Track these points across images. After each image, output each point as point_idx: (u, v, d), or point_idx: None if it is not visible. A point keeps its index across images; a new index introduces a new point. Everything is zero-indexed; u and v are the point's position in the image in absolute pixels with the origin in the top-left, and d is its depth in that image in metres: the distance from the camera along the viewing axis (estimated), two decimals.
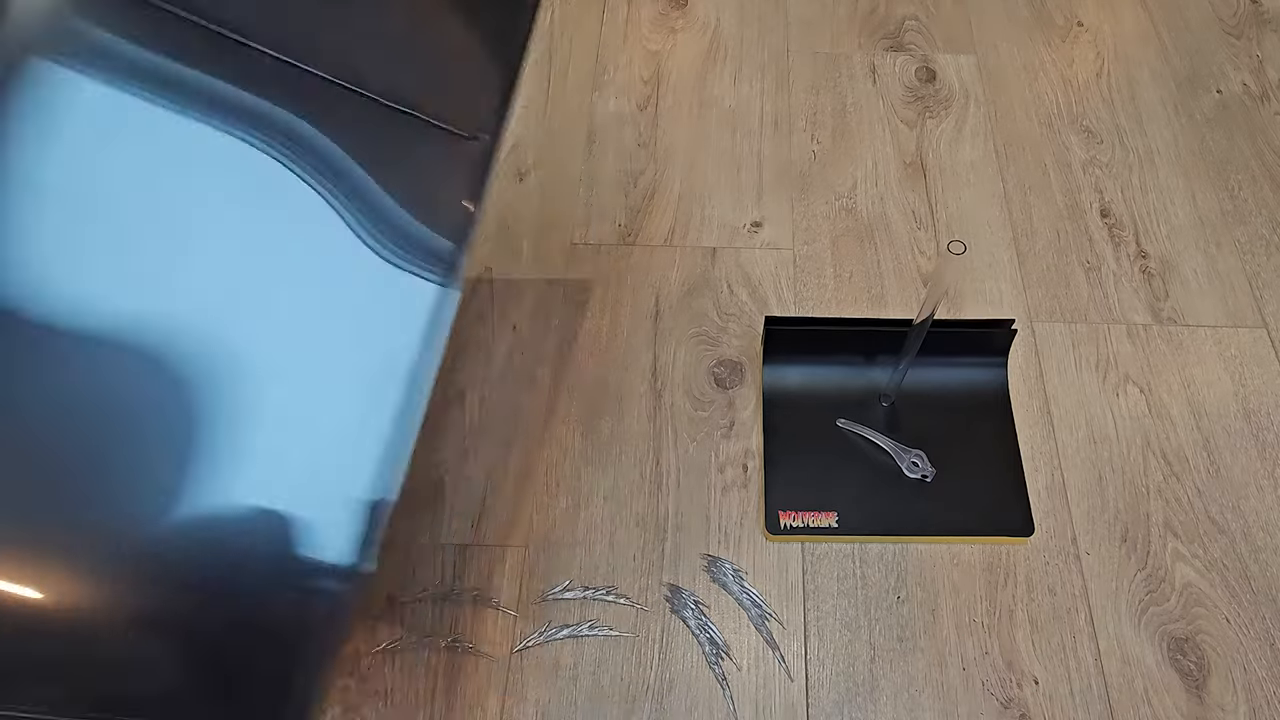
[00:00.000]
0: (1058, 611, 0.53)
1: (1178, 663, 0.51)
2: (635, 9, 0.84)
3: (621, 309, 0.65)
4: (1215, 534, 0.55)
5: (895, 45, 0.82)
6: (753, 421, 0.60)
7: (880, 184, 0.72)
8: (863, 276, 0.67)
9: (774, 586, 0.54)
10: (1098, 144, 0.74)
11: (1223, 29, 0.83)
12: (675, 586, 0.54)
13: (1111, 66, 0.80)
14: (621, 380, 0.62)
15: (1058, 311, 0.65)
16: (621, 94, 0.78)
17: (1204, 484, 0.57)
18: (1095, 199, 0.71)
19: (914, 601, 0.53)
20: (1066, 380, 0.62)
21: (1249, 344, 0.63)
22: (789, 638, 0.52)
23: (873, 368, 0.60)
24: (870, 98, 0.78)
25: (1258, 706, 0.50)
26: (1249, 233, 0.69)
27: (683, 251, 0.68)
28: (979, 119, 0.76)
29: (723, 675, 0.51)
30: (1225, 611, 0.52)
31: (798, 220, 0.70)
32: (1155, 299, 0.65)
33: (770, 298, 0.66)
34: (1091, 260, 0.68)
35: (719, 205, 0.71)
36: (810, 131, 0.76)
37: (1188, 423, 0.60)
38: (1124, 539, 0.55)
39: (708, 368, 0.62)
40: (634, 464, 0.58)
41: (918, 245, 0.68)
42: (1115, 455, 0.58)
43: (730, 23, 0.84)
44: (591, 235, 0.69)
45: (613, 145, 0.75)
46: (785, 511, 0.55)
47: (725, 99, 0.78)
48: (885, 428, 0.58)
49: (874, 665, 0.51)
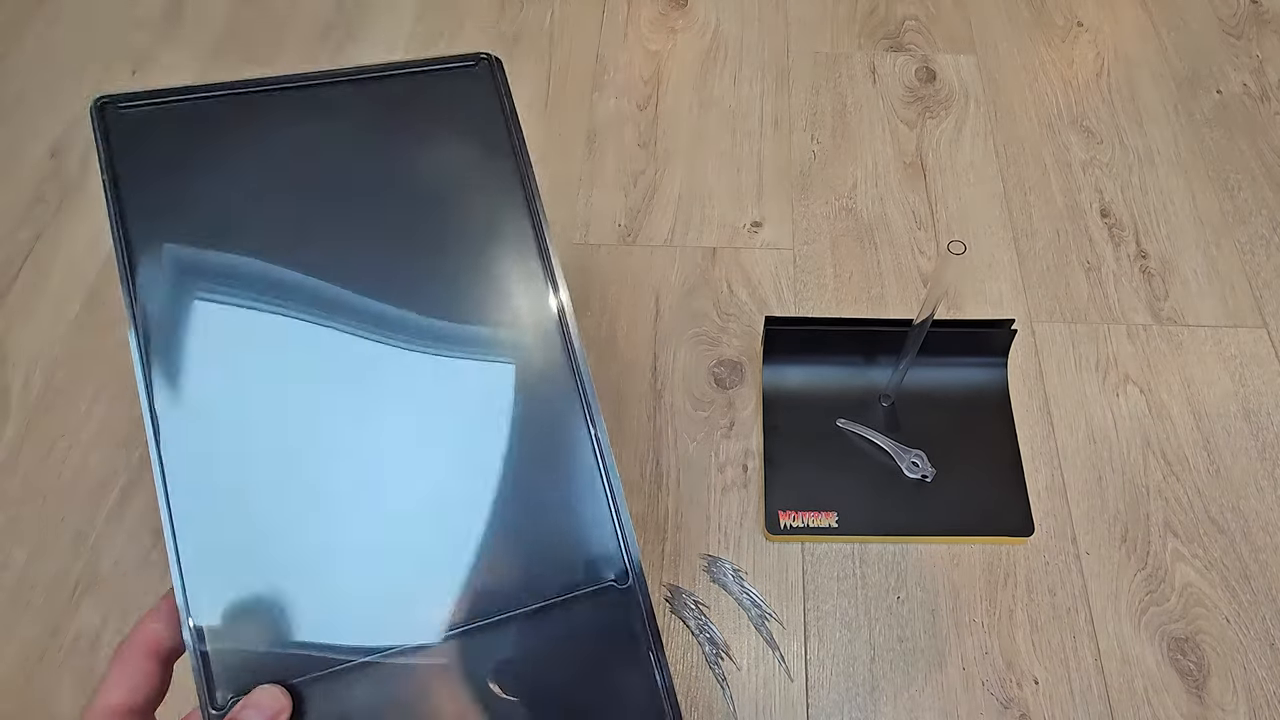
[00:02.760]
0: (1058, 611, 0.53)
1: (1178, 663, 0.51)
2: (635, 9, 0.84)
3: (621, 309, 0.65)
4: (1215, 534, 0.55)
5: (895, 45, 0.82)
6: (753, 421, 0.60)
7: (880, 184, 0.72)
8: (863, 276, 0.67)
9: (774, 586, 0.54)
10: (1098, 144, 0.74)
11: (1223, 29, 0.83)
12: (675, 586, 0.54)
13: (1111, 66, 0.80)
14: (621, 380, 0.62)
15: (1058, 311, 0.65)
16: (621, 94, 0.78)
17: (1204, 484, 0.57)
18: (1095, 199, 0.71)
19: (914, 601, 0.53)
20: (1066, 380, 0.62)
21: (1249, 344, 0.63)
22: (789, 638, 0.52)
23: (873, 368, 0.60)
24: (870, 98, 0.78)
25: (1258, 706, 0.50)
26: (1249, 233, 0.69)
27: (683, 251, 0.68)
28: (979, 119, 0.76)
29: (722, 675, 0.51)
30: (1225, 611, 0.52)
31: (798, 220, 0.70)
32: (1155, 299, 0.65)
33: (770, 298, 0.66)
34: (1091, 260, 0.68)
35: (719, 205, 0.71)
36: (810, 131, 0.76)
37: (1188, 423, 0.60)
38: (1124, 539, 0.55)
39: (708, 368, 0.62)
40: (634, 464, 0.58)
41: (918, 245, 0.68)
42: (1115, 455, 0.58)
43: (730, 23, 0.84)
44: (591, 235, 0.69)
45: (613, 145, 0.75)
46: (785, 511, 0.55)
47: (725, 99, 0.78)
48: (885, 428, 0.58)
49: (874, 665, 0.51)
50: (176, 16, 0.85)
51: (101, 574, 0.54)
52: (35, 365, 0.62)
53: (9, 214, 0.70)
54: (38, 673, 0.51)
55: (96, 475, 0.58)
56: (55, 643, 0.52)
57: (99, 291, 0.67)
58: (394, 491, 0.27)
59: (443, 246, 0.31)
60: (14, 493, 0.57)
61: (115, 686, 0.25)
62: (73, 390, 0.61)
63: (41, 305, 0.66)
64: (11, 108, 0.77)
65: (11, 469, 0.58)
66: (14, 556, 0.55)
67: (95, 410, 0.60)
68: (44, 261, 0.68)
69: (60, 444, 0.59)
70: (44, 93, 0.79)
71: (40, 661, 0.51)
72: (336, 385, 0.28)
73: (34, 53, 0.81)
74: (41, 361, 0.63)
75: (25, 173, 0.73)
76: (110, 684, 0.25)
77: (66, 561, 0.54)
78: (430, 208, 0.31)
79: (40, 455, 0.58)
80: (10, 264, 0.68)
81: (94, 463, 0.58)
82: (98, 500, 0.57)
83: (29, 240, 0.69)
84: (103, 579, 0.54)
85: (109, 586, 0.54)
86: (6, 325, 0.65)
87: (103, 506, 0.56)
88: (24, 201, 0.71)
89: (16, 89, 0.79)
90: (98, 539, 0.55)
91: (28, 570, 0.54)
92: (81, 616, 0.53)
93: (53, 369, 0.62)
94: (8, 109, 0.77)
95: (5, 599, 0.53)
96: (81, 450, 0.59)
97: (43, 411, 0.60)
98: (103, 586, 0.54)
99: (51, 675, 0.51)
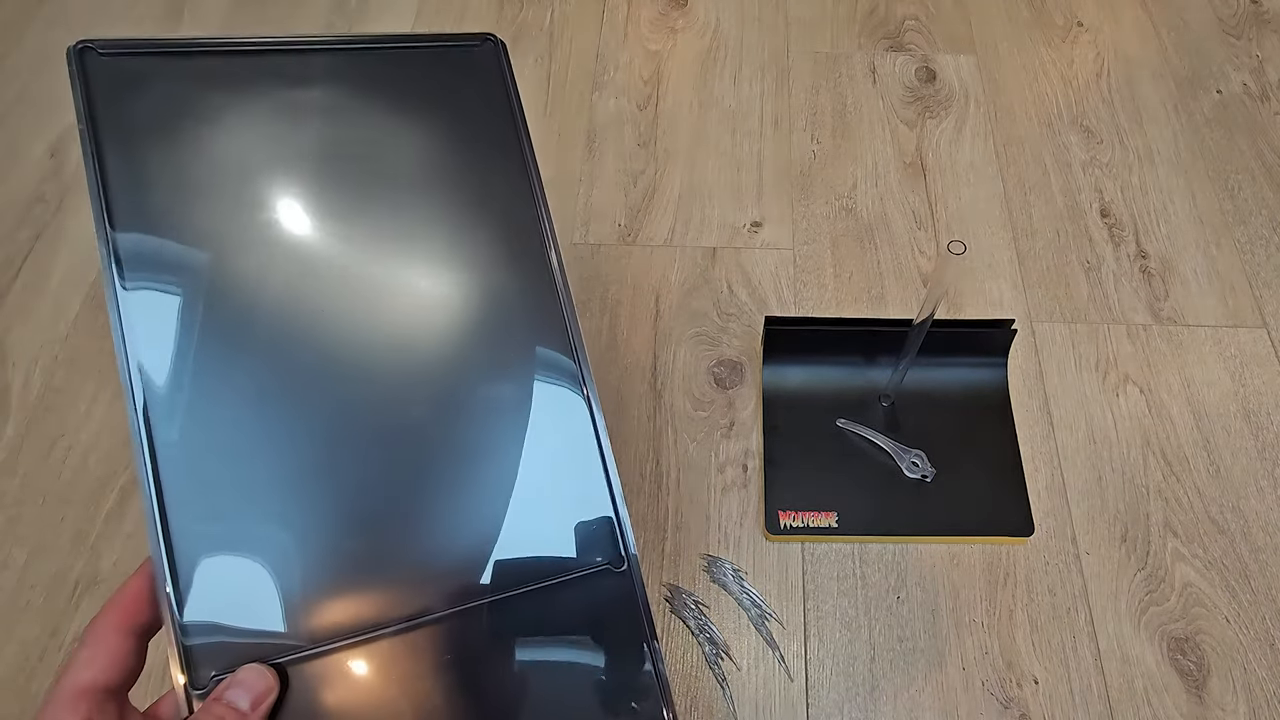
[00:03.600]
0: (1058, 611, 0.53)
1: (1178, 663, 0.51)
2: (635, 9, 0.84)
3: (621, 309, 0.65)
4: (1215, 534, 0.55)
5: (895, 45, 0.82)
6: (753, 421, 0.60)
7: (880, 184, 0.72)
8: (863, 276, 0.67)
9: (774, 586, 0.54)
10: (1098, 144, 0.74)
11: (1223, 29, 0.83)
12: (675, 586, 0.54)
13: (1111, 66, 0.80)
14: (621, 380, 0.61)
15: (1058, 311, 0.65)
16: (621, 94, 0.78)
17: (1204, 484, 0.57)
18: (1095, 199, 0.71)
19: (914, 601, 0.53)
20: (1066, 380, 0.62)
21: (1249, 344, 0.63)
22: (789, 638, 0.52)
23: (873, 368, 0.60)
24: (870, 98, 0.78)
25: (1258, 706, 0.50)
26: (1249, 233, 0.69)
27: (683, 251, 0.68)
28: (979, 119, 0.76)
29: (722, 675, 0.51)
30: (1225, 611, 0.52)
31: (798, 220, 0.70)
32: (1155, 299, 0.65)
33: (770, 298, 0.66)
34: (1091, 260, 0.68)
35: (719, 205, 0.71)
36: (810, 131, 0.76)
37: (1188, 423, 0.60)
38: (1124, 539, 0.55)
39: (708, 368, 0.62)
40: (634, 464, 0.58)
41: (918, 245, 0.68)
42: (1115, 455, 0.58)
43: (730, 23, 0.84)
44: (591, 235, 0.69)
45: (613, 145, 0.75)
46: (785, 511, 0.55)
47: (725, 99, 0.78)
48: (885, 428, 0.58)
49: (874, 665, 0.51)
50: (176, 17, 0.85)
51: (101, 574, 0.54)
52: (35, 365, 0.62)
53: (9, 213, 0.70)
54: (38, 673, 0.51)
55: (96, 475, 0.58)
56: (55, 643, 0.52)
57: (99, 291, 0.67)
58: (388, 468, 0.26)
59: (439, 222, 0.29)
60: (14, 493, 0.57)
61: (86, 665, 0.22)
62: (73, 390, 0.61)
63: (41, 305, 0.65)
64: (11, 108, 0.77)
65: (11, 469, 0.58)
66: (14, 557, 0.55)
67: (95, 410, 0.60)
68: (44, 261, 0.68)
69: (60, 444, 0.59)
70: (44, 93, 0.79)
71: (41, 662, 0.51)
72: (328, 359, 0.27)
73: (34, 53, 0.81)
74: (41, 361, 0.63)
75: (25, 172, 0.73)
76: (80, 662, 0.22)
77: (66, 562, 0.55)
78: (428, 180, 0.29)
79: (40, 455, 0.58)
80: (10, 264, 0.68)
81: (94, 463, 0.58)
82: (98, 500, 0.57)
83: (29, 240, 0.69)
84: (103, 579, 0.54)
85: (109, 587, 0.54)
86: (6, 325, 0.65)
87: (102, 506, 0.56)
88: (24, 201, 0.71)
89: (16, 89, 0.79)
90: (98, 539, 0.55)
91: (28, 570, 0.54)
92: (82, 617, 0.53)
93: (53, 369, 0.62)
94: (8, 109, 0.77)
95: (5, 599, 0.53)
96: (81, 450, 0.59)
97: (43, 411, 0.60)
98: (103, 587, 0.54)
99: (52, 676, 0.51)
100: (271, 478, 0.25)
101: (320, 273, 0.27)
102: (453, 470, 0.27)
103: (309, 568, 0.25)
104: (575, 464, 0.28)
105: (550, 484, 0.28)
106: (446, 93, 0.30)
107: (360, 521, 0.26)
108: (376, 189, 0.29)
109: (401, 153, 0.29)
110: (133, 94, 0.26)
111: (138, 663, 0.23)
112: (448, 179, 0.30)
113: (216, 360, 0.25)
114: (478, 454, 0.28)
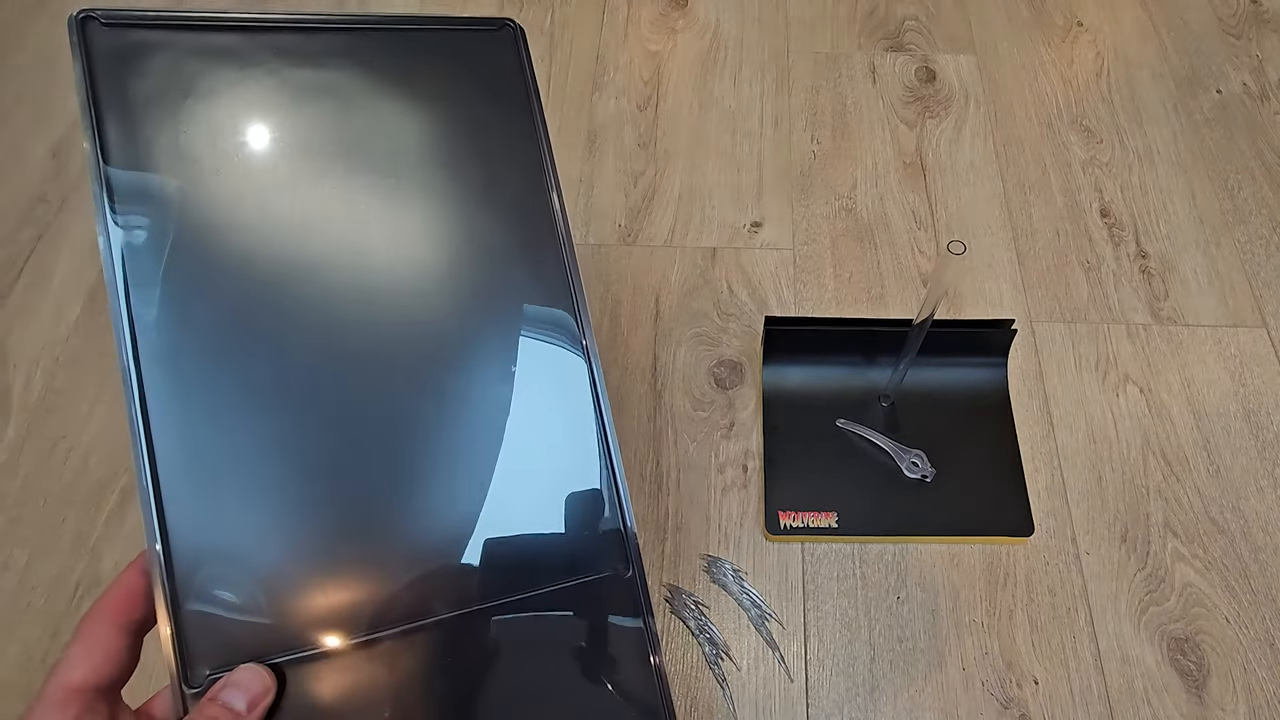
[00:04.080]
0: (1058, 611, 0.53)
1: (1178, 663, 0.51)
2: (635, 9, 0.84)
3: (621, 309, 0.65)
4: (1215, 534, 0.55)
5: (895, 45, 0.82)
6: (753, 421, 0.60)
7: (880, 184, 0.72)
8: (863, 276, 0.67)
9: (774, 586, 0.54)
10: (1097, 144, 0.74)
11: (1223, 29, 0.83)
12: (675, 587, 0.54)
13: (1111, 66, 0.80)
14: (621, 380, 0.62)
15: (1058, 311, 0.65)
16: (621, 94, 0.78)
17: (1204, 484, 0.57)
18: (1095, 199, 0.71)
19: (914, 601, 0.53)
20: (1066, 380, 0.62)
21: (1249, 344, 0.63)
22: (789, 638, 0.52)
23: (873, 368, 0.60)
24: (870, 98, 0.78)
25: (1258, 706, 0.50)
26: (1249, 233, 0.69)
27: (683, 251, 0.68)
28: (979, 119, 0.76)
29: (722, 675, 0.51)
30: (1225, 611, 0.52)
31: (798, 220, 0.70)
32: (1155, 299, 0.65)
33: (770, 298, 0.66)
34: (1091, 260, 0.68)
35: (719, 205, 0.71)
36: (810, 131, 0.76)
37: (1188, 423, 0.60)
38: (1124, 539, 0.55)
39: (708, 368, 0.62)
40: (634, 464, 0.58)
41: (918, 245, 0.68)
42: (1115, 455, 0.58)
43: (730, 23, 0.84)
44: (591, 235, 0.69)
45: (613, 145, 0.75)
46: (785, 511, 0.55)
47: (725, 99, 0.78)
48: (885, 428, 0.58)
49: (874, 665, 0.51)
50: None
51: (102, 575, 0.54)
52: (36, 366, 0.62)
53: (10, 214, 0.71)
54: (40, 674, 0.51)
55: (97, 476, 0.58)
56: (57, 644, 0.52)
57: (100, 292, 0.67)
58: (390, 467, 0.26)
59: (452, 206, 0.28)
60: (15, 494, 0.57)
61: (77, 662, 0.21)
62: (74, 391, 0.61)
63: (43, 306, 0.66)
64: (12, 108, 0.77)
65: (12, 470, 0.58)
66: (15, 558, 0.55)
67: (96, 411, 0.60)
68: (45, 262, 0.68)
69: (61, 445, 0.59)
70: (45, 93, 0.79)
71: (42, 663, 0.51)
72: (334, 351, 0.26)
73: (34, 53, 0.82)
74: (42, 362, 0.63)
75: (27, 173, 0.73)
76: (71, 658, 0.21)
77: (67, 563, 0.55)
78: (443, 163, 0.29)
79: (41, 456, 0.59)
80: (12, 264, 0.68)
81: (95, 464, 0.58)
82: (98, 501, 0.57)
83: (30, 240, 0.69)
84: (104, 580, 0.54)
85: None
86: (8, 326, 0.65)
87: (103, 508, 0.57)
88: (25, 201, 0.71)
89: (17, 89, 0.79)
90: (98, 540, 0.55)
91: (29, 572, 0.54)
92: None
93: (54, 370, 0.62)
94: (8, 109, 0.77)
95: (6, 601, 0.53)
96: (82, 451, 0.59)
97: (44, 412, 0.60)
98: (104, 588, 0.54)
99: None
100: (273, 471, 0.25)
101: (326, 253, 0.27)
102: (456, 473, 0.27)
103: (310, 567, 0.24)
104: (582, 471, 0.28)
105: (556, 488, 0.28)
106: (463, 73, 0.30)
107: (361, 521, 0.25)
108: (385, 169, 0.28)
109: (412, 132, 0.29)
110: (136, 66, 0.26)
111: (131, 659, 0.23)
112: (459, 161, 0.29)
113: (219, 349, 0.25)
114: (483, 459, 0.27)
